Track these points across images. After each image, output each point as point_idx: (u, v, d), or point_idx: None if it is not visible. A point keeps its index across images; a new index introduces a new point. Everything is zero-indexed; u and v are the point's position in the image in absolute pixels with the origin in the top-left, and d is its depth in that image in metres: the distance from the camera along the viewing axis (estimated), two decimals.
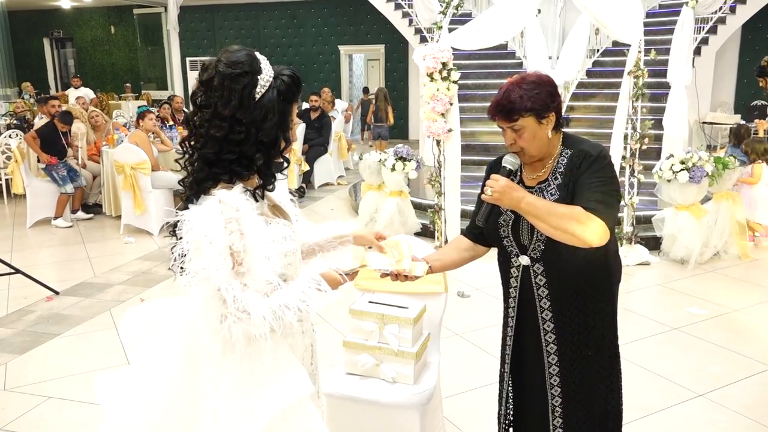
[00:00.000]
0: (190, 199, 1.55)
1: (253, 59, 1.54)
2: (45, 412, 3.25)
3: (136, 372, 1.75)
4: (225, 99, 1.50)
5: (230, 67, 1.51)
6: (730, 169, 5.50)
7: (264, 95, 1.53)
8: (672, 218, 5.47)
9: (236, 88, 1.50)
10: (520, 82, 1.90)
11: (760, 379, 3.49)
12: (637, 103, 5.47)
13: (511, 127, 1.90)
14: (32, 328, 4.29)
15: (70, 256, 6.01)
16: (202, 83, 1.54)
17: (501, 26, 5.48)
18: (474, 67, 10.15)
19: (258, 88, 1.52)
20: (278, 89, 1.55)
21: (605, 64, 9.73)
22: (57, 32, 17.17)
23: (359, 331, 2.45)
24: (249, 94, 1.51)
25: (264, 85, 1.53)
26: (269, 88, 1.54)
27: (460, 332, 4.10)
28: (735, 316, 4.36)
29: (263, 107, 1.53)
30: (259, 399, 1.53)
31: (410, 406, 2.36)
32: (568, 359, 2.00)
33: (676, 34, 6.64)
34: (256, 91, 1.52)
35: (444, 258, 2.16)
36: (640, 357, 3.70)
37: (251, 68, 1.52)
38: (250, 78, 1.51)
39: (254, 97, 1.52)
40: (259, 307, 1.46)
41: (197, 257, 1.45)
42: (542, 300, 1.99)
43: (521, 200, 1.81)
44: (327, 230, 1.92)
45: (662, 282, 5.09)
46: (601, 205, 1.80)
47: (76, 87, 13.35)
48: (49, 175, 6.97)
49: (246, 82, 1.51)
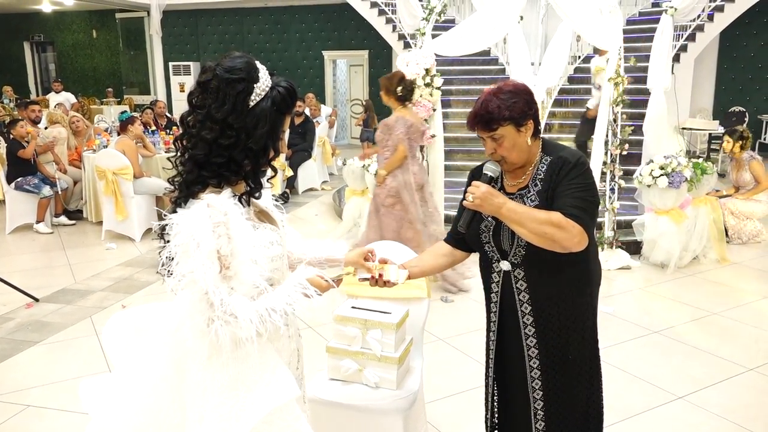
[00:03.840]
0: (178, 203, 1.56)
1: (252, 67, 1.56)
2: (24, 420, 3.20)
3: (121, 376, 1.74)
4: (219, 102, 1.52)
5: (228, 72, 1.53)
6: (708, 174, 5.59)
7: (258, 103, 1.55)
8: (652, 223, 5.54)
9: (231, 93, 1.52)
10: (497, 92, 1.93)
11: (740, 381, 3.54)
12: (618, 109, 5.54)
13: (491, 137, 1.93)
14: (12, 336, 4.23)
15: (51, 263, 5.94)
16: (199, 84, 1.57)
17: (484, 33, 5.53)
18: (457, 73, 10.21)
19: (253, 95, 1.54)
20: (273, 99, 1.57)
21: (587, 71, 9.82)
22: (37, 36, 16.99)
23: (342, 336, 2.45)
24: (243, 101, 1.53)
25: (259, 93, 1.55)
26: (264, 98, 1.56)
27: (443, 337, 4.11)
28: (714, 319, 4.42)
29: (256, 115, 1.55)
30: (245, 402, 1.53)
31: (393, 410, 2.36)
32: (549, 363, 2.02)
33: (655, 41, 6.73)
34: (251, 99, 1.54)
35: (422, 264, 2.20)
36: (620, 360, 3.74)
37: (248, 75, 1.54)
38: (246, 85, 1.53)
39: (248, 104, 1.54)
40: (246, 310, 1.48)
41: (185, 260, 1.46)
42: (523, 305, 2.02)
43: (502, 206, 1.83)
44: (318, 249, 1.95)
45: (643, 286, 5.15)
46: (580, 210, 1.83)
47: (57, 91, 13.21)
48: (21, 189, 6.88)
49: (241, 88, 1.53)
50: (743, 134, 6.31)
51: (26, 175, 6.89)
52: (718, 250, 5.70)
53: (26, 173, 6.89)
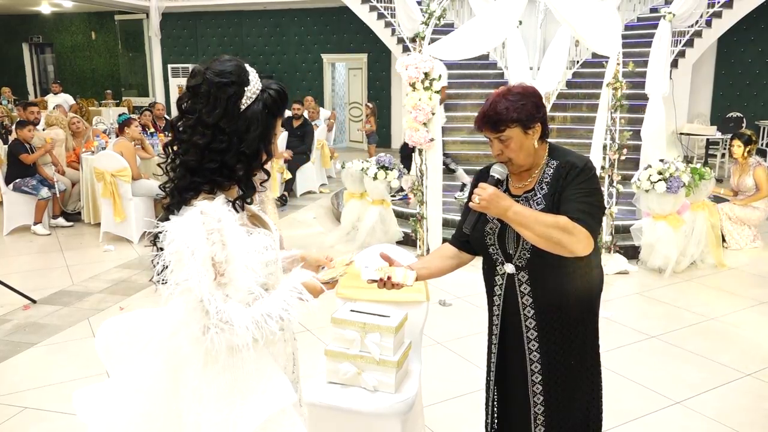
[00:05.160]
0: (171, 210, 1.54)
1: (242, 70, 1.55)
2: (22, 422, 3.20)
3: (116, 385, 1.73)
4: (210, 107, 1.51)
5: (218, 76, 1.51)
6: (706, 180, 5.61)
7: (249, 107, 1.54)
8: (650, 228, 5.55)
9: (222, 97, 1.51)
10: (506, 94, 1.93)
11: (736, 386, 3.55)
12: (616, 114, 5.56)
13: (498, 138, 1.93)
14: (9, 338, 4.23)
15: (48, 264, 5.93)
16: (189, 89, 1.55)
17: (483, 37, 5.53)
18: (456, 77, 10.22)
19: (244, 99, 1.53)
20: (264, 102, 1.56)
21: (585, 76, 9.86)
22: (36, 37, 16.98)
23: (341, 339, 2.45)
24: (234, 104, 1.52)
25: (250, 96, 1.54)
26: (255, 101, 1.55)
27: (442, 341, 4.11)
28: (711, 324, 4.43)
29: (247, 118, 1.54)
30: (242, 409, 1.53)
31: (392, 414, 2.36)
32: (551, 367, 2.02)
33: (653, 46, 6.76)
34: (242, 102, 1.53)
35: (429, 266, 2.18)
36: (618, 365, 3.74)
37: (239, 79, 1.53)
38: (237, 88, 1.52)
39: (239, 108, 1.53)
40: (241, 317, 1.47)
41: (179, 268, 1.45)
42: (526, 308, 2.02)
43: (508, 209, 1.84)
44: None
45: (640, 291, 5.16)
46: (586, 215, 1.84)
47: (55, 93, 13.20)
48: (19, 191, 6.87)
49: (232, 92, 1.52)
50: (752, 138, 6.31)
51: (25, 176, 6.89)
52: (716, 255, 5.71)
53: (25, 174, 6.89)
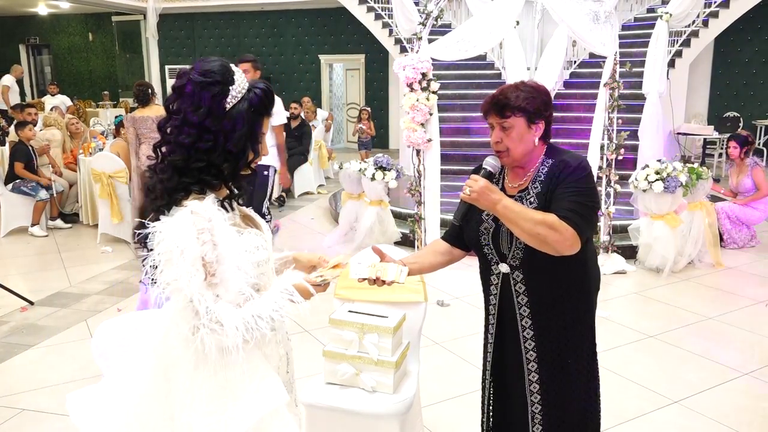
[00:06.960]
0: (161, 210, 1.54)
1: (227, 70, 1.56)
2: (19, 424, 3.19)
3: (109, 387, 1.72)
4: (195, 106, 1.52)
5: (202, 76, 1.53)
6: (703, 179, 5.61)
7: (235, 106, 1.55)
8: (647, 227, 5.56)
9: (206, 97, 1.52)
10: (519, 85, 1.97)
11: (734, 385, 3.55)
12: (613, 114, 5.56)
13: (501, 124, 1.94)
14: (6, 339, 4.22)
15: (46, 266, 5.92)
16: (175, 90, 1.57)
17: (480, 37, 5.53)
18: (453, 78, 10.22)
19: (229, 98, 1.55)
20: (250, 101, 1.57)
21: (582, 76, 9.86)
22: (33, 39, 16.95)
23: (339, 340, 2.45)
24: (219, 103, 1.53)
25: (235, 96, 1.55)
26: (241, 100, 1.56)
27: (440, 341, 4.11)
28: (709, 323, 4.43)
29: (233, 117, 1.55)
30: (234, 410, 1.53)
31: (390, 415, 2.36)
32: (548, 366, 2.02)
33: (650, 46, 6.77)
34: (227, 101, 1.54)
35: (421, 261, 2.19)
36: (616, 364, 3.74)
37: (223, 78, 1.54)
38: (221, 88, 1.54)
39: (224, 107, 1.54)
40: (231, 318, 1.47)
41: (169, 269, 1.45)
42: (522, 308, 2.02)
43: (498, 202, 1.84)
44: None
45: (638, 290, 5.16)
46: (575, 214, 1.84)
47: (52, 94, 13.16)
48: (18, 191, 6.87)
49: (216, 90, 1.53)
50: (748, 139, 6.33)
51: (23, 177, 6.87)
52: (713, 254, 5.72)
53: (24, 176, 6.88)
